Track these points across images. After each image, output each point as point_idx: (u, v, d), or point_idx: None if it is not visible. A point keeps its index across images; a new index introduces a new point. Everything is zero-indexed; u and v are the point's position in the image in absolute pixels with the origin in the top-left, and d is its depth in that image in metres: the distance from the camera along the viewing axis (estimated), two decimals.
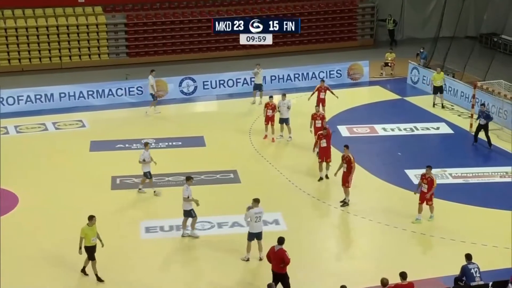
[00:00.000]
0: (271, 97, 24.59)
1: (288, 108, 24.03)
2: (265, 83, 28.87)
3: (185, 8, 34.98)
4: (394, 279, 13.95)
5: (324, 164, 20.76)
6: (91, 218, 15.63)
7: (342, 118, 26.41)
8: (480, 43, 35.48)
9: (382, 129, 25.24)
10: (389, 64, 31.49)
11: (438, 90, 27.50)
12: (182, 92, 28.97)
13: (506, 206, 19.17)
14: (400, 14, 37.40)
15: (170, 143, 24.06)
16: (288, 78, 29.08)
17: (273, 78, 29.63)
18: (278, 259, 14.54)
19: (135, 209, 19.22)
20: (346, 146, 19.46)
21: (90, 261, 15.70)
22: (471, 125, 24.67)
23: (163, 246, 17.39)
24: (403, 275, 13.92)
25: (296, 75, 29.12)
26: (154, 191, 19.98)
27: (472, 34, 36.50)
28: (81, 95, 28.08)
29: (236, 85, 29.63)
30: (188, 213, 17.39)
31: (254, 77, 28.08)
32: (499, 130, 24.69)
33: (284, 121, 24.07)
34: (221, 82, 29.62)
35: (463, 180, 20.76)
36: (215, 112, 27.91)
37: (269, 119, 23.93)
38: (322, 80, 26.73)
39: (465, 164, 21.59)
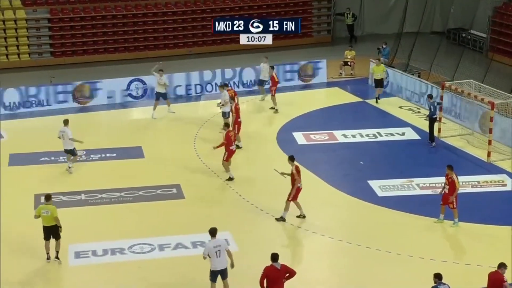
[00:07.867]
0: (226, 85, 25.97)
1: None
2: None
3: (118, 1, 34.75)
4: None
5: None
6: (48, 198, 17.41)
7: (298, 124, 26.63)
8: (448, 39, 36.34)
9: (342, 136, 25.56)
10: (349, 63, 31.92)
11: (378, 84, 28.49)
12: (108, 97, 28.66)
13: (479, 220, 19.63)
14: (360, 8, 38.01)
15: (103, 155, 23.81)
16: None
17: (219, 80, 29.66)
18: (284, 275, 14.65)
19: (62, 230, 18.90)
20: (291, 158, 19.52)
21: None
22: (439, 130, 25.22)
23: (96, 273, 17.16)
24: None
25: None
26: None
27: (438, 29, 37.32)
28: None
29: (180, 88, 29.55)
30: None
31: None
32: (469, 135, 25.33)
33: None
34: None
35: (432, 191, 21.15)
36: (155, 119, 27.71)
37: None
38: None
39: (434, 173, 21.95)
